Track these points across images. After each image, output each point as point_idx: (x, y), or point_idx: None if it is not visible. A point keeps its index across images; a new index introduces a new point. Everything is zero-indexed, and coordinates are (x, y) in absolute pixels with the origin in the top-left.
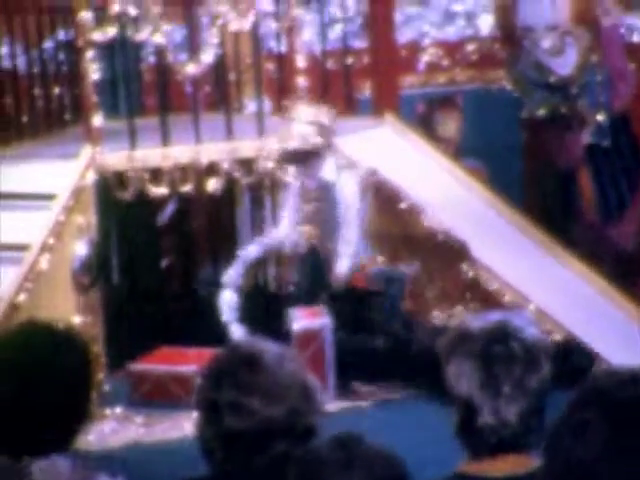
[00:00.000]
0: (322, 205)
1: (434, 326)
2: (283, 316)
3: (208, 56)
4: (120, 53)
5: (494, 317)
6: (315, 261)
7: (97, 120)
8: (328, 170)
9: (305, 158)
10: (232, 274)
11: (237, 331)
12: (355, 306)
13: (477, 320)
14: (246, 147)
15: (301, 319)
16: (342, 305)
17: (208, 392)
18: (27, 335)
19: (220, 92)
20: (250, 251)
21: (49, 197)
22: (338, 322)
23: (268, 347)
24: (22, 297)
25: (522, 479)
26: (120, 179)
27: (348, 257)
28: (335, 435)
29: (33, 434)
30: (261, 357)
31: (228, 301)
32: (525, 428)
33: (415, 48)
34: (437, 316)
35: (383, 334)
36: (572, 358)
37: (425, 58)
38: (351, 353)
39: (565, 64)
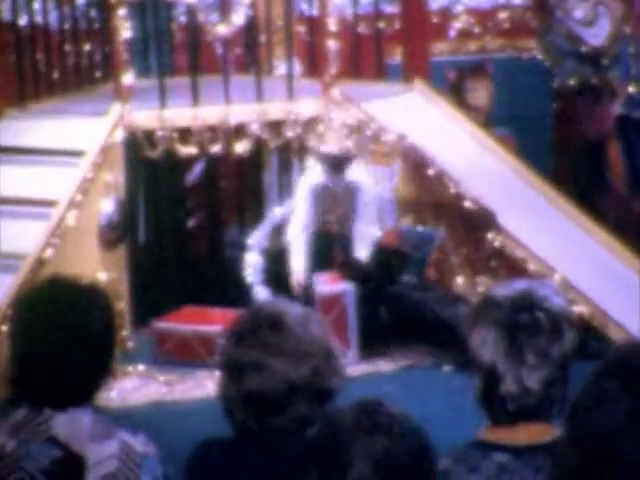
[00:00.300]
0: (345, 205)
1: (452, 294)
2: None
3: (239, 17)
4: (152, 12)
5: (519, 286)
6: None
7: (127, 78)
8: (355, 171)
9: (340, 164)
10: (258, 236)
11: (261, 293)
12: (382, 266)
13: (502, 288)
14: (275, 109)
15: (324, 284)
16: (370, 269)
17: (231, 352)
18: (52, 291)
19: (250, 53)
20: (277, 214)
21: (78, 154)
22: (362, 286)
23: (292, 309)
24: (49, 252)
25: (543, 448)
26: (149, 138)
27: (366, 247)
28: (358, 400)
29: (55, 387)
30: (285, 318)
31: (253, 263)
32: (547, 397)
33: (447, 15)
34: (461, 284)
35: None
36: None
37: (457, 25)
38: (371, 319)
39: (597, 34)
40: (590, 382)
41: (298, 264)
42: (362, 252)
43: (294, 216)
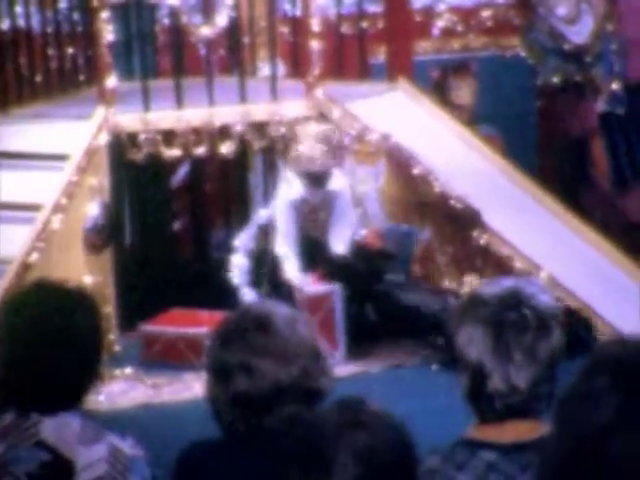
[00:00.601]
0: (325, 212)
1: (439, 289)
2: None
3: (222, 18)
4: (134, 14)
5: (507, 283)
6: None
7: (111, 81)
8: (333, 181)
9: (320, 179)
10: (244, 238)
11: (247, 294)
12: (367, 265)
13: (489, 286)
14: (259, 110)
15: (310, 285)
16: (352, 265)
17: (218, 353)
18: (38, 294)
19: (234, 55)
20: (262, 215)
21: (62, 157)
22: (347, 285)
23: (279, 310)
24: (34, 257)
25: (530, 445)
26: (133, 141)
27: (343, 243)
28: (339, 398)
29: (43, 391)
30: (272, 319)
31: (239, 264)
32: (535, 395)
33: (430, 13)
34: (447, 283)
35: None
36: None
37: (440, 24)
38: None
39: (580, 32)
40: (578, 378)
41: (294, 273)
42: (339, 247)
43: (277, 231)
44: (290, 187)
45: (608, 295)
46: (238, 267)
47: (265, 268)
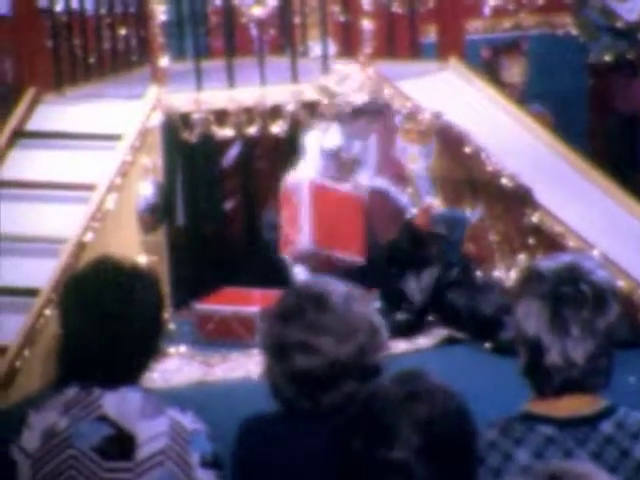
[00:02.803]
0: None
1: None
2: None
3: None
4: None
5: (564, 259)
6: None
7: (163, 61)
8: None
9: (369, 115)
10: None
11: (301, 273)
12: (415, 247)
13: (547, 261)
14: (311, 90)
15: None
16: (402, 246)
17: (276, 331)
18: (100, 272)
19: (285, 35)
20: None
21: (116, 137)
22: (396, 264)
23: (335, 287)
24: (89, 236)
25: (587, 419)
26: (186, 120)
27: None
28: (397, 372)
29: (104, 366)
30: (328, 297)
31: None
32: (592, 370)
33: None
34: (499, 261)
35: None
36: None
37: (491, 2)
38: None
39: (632, 9)
40: None
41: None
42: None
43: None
44: (325, 135)
45: None
46: None
47: None
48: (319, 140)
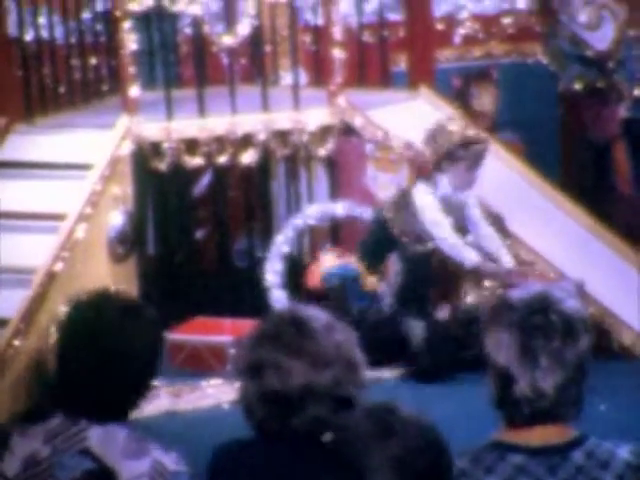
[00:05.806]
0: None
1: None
2: None
3: (244, 27)
4: (157, 24)
5: (534, 288)
6: None
7: (134, 91)
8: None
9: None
10: (280, 241)
11: (279, 295)
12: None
13: (517, 291)
14: (282, 119)
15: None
16: None
17: (252, 350)
18: (99, 306)
19: (256, 64)
20: (299, 220)
21: (86, 167)
22: None
23: (318, 314)
24: (59, 266)
25: (558, 449)
26: (156, 150)
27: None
28: (370, 404)
29: (95, 400)
30: (309, 322)
31: (274, 268)
32: (562, 400)
33: (451, 21)
34: (469, 288)
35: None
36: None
37: (461, 31)
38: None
39: (602, 38)
40: None
41: (477, 257)
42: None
43: (438, 226)
44: (434, 187)
45: (631, 300)
46: (272, 271)
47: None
48: (428, 190)
